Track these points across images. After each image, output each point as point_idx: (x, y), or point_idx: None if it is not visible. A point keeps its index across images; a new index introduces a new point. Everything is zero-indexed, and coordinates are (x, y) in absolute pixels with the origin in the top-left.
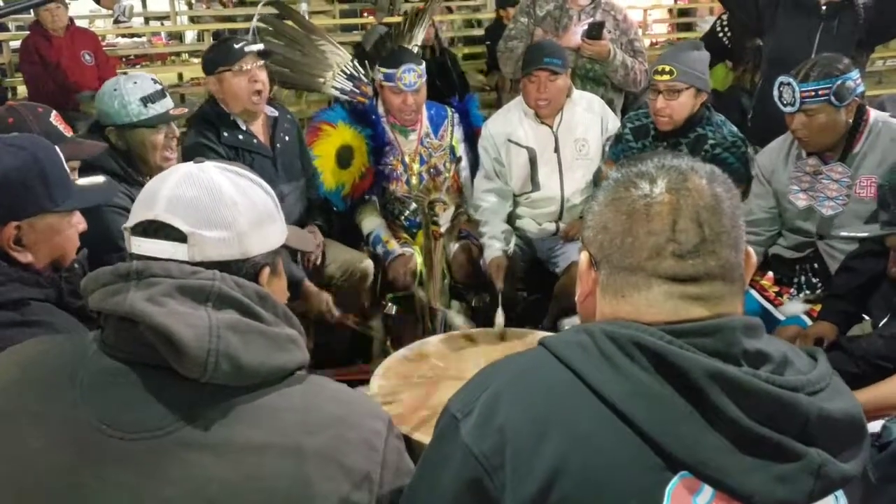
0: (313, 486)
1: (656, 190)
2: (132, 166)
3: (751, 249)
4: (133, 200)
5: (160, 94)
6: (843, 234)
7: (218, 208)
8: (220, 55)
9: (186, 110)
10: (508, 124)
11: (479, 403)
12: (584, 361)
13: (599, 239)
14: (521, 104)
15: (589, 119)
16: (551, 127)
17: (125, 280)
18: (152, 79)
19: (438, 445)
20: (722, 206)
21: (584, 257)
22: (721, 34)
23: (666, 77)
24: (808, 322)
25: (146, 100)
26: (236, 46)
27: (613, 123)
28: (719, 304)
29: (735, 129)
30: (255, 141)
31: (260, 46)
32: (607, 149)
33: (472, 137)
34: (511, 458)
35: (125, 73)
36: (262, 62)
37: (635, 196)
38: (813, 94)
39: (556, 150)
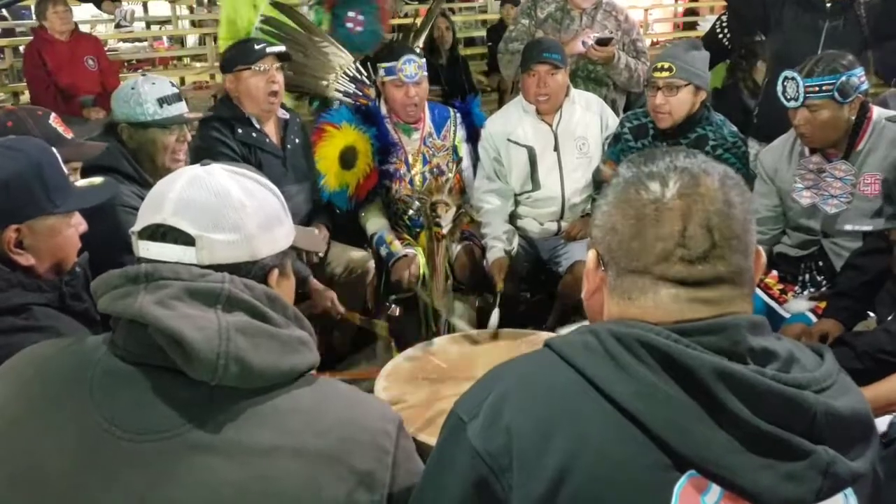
0: (323, 487)
1: (668, 193)
2: (141, 166)
3: (761, 249)
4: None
5: (176, 98)
6: (847, 227)
7: (226, 211)
8: (240, 54)
9: (201, 115)
10: (508, 123)
11: (485, 405)
12: (590, 362)
13: (608, 240)
14: (520, 102)
15: (588, 118)
16: (551, 125)
17: (134, 283)
18: (170, 82)
19: (445, 447)
20: (733, 211)
21: (591, 255)
22: (721, 34)
23: (665, 74)
24: (814, 319)
25: (162, 101)
26: (257, 47)
27: (613, 122)
28: (728, 306)
29: (735, 128)
30: (267, 140)
31: (281, 48)
32: (606, 148)
33: (474, 137)
34: (518, 458)
35: (144, 76)
36: (279, 64)
37: (645, 199)
38: (817, 89)
39: (556, 148)
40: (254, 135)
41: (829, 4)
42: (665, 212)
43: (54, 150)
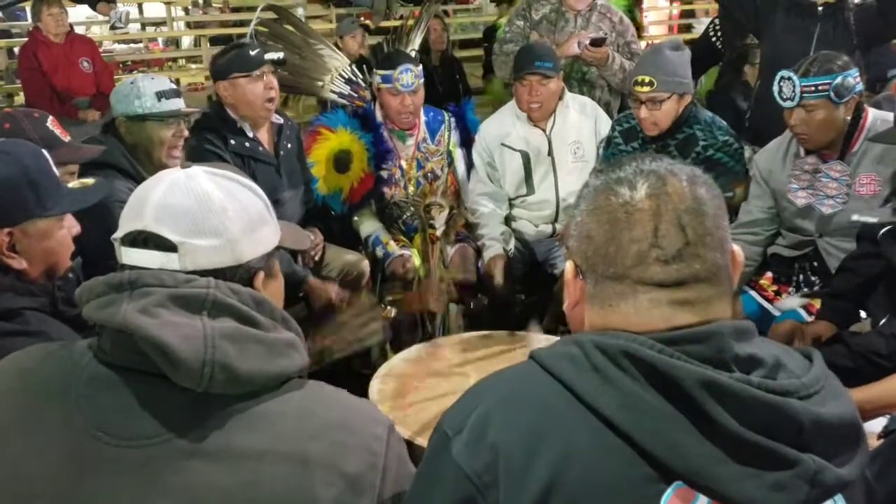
0: (313, 492)
1: (637, 196)
2: (138, 162)
3: (737, 248)
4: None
5: (174, 93)
6: (854, 217)
7: (207, 216)
8: (236, 61)
9: (198, 109)
10: (501, 127)
11: (469, 420)
12: (575, 374)
13: (583, 249)
14: (514, 107)
15: (582, 121)
16: (544, 130)
17: (118, 291)
18: (170, 80)
19: (430, 463)
20: (704, 207)
21: (569, 266)
22: (714, 37)
23: (647, 89)
24: (805, 316)
25: (161, 95)
26: (252, 53)
27: (606, 124)
28: (707, 307)
29: (725, 124)
30: (260, 148)
31: (279, 55)
32: (601, 152)
33: (468, 142)
34: (504, 475)
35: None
36: (274, 69)
37: (615, 204)
38: (813, 89)
39: (550, 153)
40: (247, 144)
41: (820, 8)
42: (636, 213)
43: (45, 152)
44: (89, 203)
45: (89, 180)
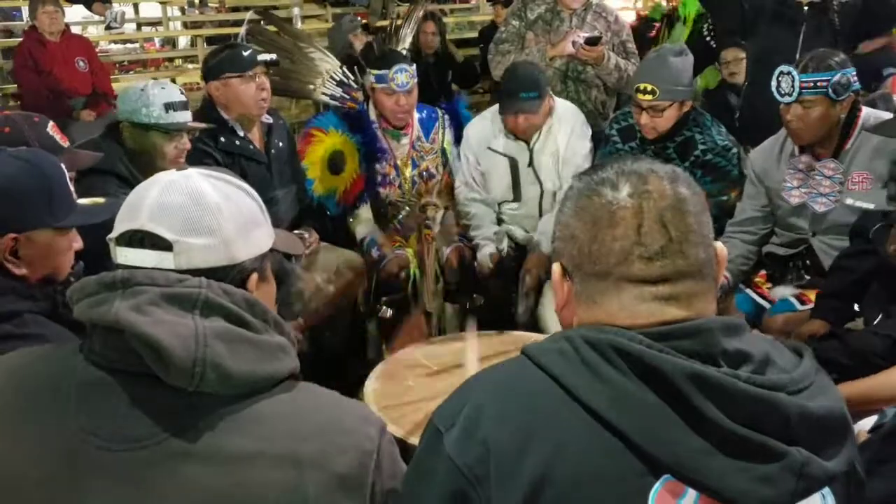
0: (306, 493)
1: (619, 195)
2: (138, 170)
3: (720, 245)
4: None
5: (183, 105)
6: (849, 201)
7: (203, 215)
8: (228, 61)
9: (205, 125)
10: (487, 131)
11: (461, 415)
12: (565, 369)
13: (569, 249)
14: (498, 118)
15: (569, 139)
16: (527, 143)
17: (110, 289)
18: (180, 90)
19: (423, 458)
20: (685, 205)
21: (556, 269)
22: (708, 37)
23: (648, 97)
24: (798, 305)
25: (169, 106)
26: (245, 54)
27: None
28: (692, 302)
29: (724, 129)
30: (251, 147)
31: (272, 56)
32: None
33: (462, 139)
34: (495, 469)
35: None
36: (266, 69)
37: (598, 203)
38: (811, 85)
39: (531, 163)
40: (237, 143)
41: (806, 8)
42: (619, 212)
43: (62, 165)
44: (99, 220)
45: (100, 199)
